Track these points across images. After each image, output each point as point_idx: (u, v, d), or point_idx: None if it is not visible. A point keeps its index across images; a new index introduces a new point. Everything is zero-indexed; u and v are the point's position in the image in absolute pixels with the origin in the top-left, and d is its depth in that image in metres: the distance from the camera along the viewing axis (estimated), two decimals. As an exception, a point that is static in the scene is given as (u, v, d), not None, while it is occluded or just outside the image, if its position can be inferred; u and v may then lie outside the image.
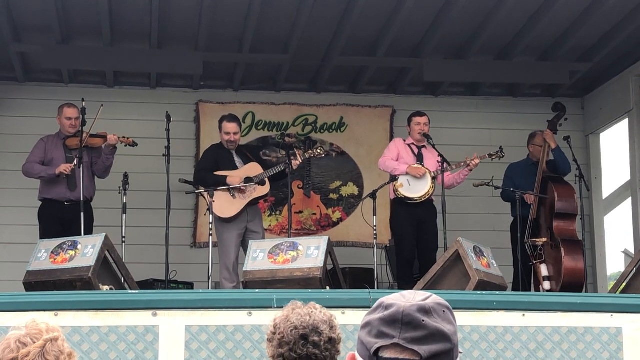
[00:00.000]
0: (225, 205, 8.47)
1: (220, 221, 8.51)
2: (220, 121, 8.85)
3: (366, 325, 1.89)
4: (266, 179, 8.56)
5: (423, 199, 8.51)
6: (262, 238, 8.41)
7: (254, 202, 8.65)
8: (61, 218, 8.31)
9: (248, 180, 8.54)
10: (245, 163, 8.73)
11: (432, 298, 1.90)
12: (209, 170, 8.65)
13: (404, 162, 8.67)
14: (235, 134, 8.71)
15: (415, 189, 8.53)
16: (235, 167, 8.68)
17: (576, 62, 10.18)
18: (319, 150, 8.97)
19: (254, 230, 8.56)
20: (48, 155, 8.50)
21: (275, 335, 2.65)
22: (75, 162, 8.25)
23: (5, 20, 8.77)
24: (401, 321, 1.83)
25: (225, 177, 8.54)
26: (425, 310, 1.85)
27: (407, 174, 8.55)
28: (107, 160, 8.55)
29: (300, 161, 8.68)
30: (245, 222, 8.56)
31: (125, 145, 8.62)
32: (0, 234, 9.89)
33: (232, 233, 8.50)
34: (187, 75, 10.29)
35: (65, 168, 8.27)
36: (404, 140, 8.92)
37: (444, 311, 1.88)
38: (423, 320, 1.83)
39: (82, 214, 8.05)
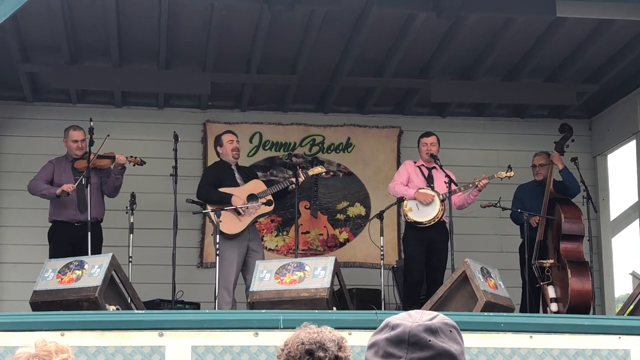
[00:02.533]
0: (231, 222, 8.49)
1: (223, 239, 8.48)
2: (219, 137, 8.98)
3: (372, 345, 1.89)
4: (267, 196, 8.59)
5: (432, 222, 8.49)
6: (262, 257, 8.43)
7: (255, 220, 8.68)
8: (71, 239, 8.35)
9: (252, 197, 8.57)
10: (244, 179, 8.78)
11: (438, 318, 1.90)
12: (212, 185, 8.69)
13: (414, 186, 8.65)
14: (237, 141, 8.91)
15: (424, 213, 8.51)
16: (236, 183, 8.72)
17: (584, 83, 10.18)
18: (319, 168, 8.99)
19: (254, 249, 8.59)
20: (57, 178, 8.52)
21: (284, 351, 2.66)
22: (77, 183, 8.27)
23: (14, 40, 8.81)
24: (407, 341, 1.83)
25: (231, 195, 8.58)
26: (432, 330, 1.85)
27: (415, 198, 8.53)
28: (116, 181, 8.59)
29: (303, 178, 8.69)
30: (247, 241, 8.58)
31: (134, 165, 8.66)
32: (8, 253, 9.89)
33: (233, 252, 8.50)
34: (194, 95, 10.31)
35: (66, 187, 8.28)
36: (414, 162, 8.91)
37: (450, 331, 1.88)
38: (430, 340, 1.83)
39: (89, 233, 8.07)
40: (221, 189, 8.62)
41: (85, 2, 8.41)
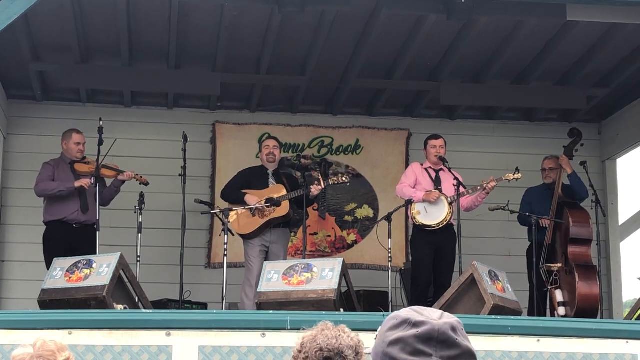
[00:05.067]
0: (243, 222, 8.53)
1: (243, 238, 8.65)
2: (261, 141, 9.17)
3: (397, 341, 1.93)
4: (283, 201, 8.58)
5: (441, 225, 8.47)
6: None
7: (278, 224, 8.65)
8: (70, 240, 8.28)
9: (269, 200, 8.58)
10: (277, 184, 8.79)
11: (449, 315, 1.97)
12: (236, 187, 8.73)
13: (422, 188, 8.63)
14: (274, 147, 8.91)
15: (433, 216, 8.48)
16: (267, 187, 8.75)
17: (593, 87, 10.16)
18: (344, 179, 8.89)
19: (275, 252, 8.58)
20: (56, 179, 8.52)
21: (301, 354, 2.64)
22: (92, 180, 8.28)
23: (24, 39, 8.83)
24: (436, 339, 1.90)
25: (244, 194, 8.59)
26: (454, 329, 1.93)
27: (423, 200, 8.51)
28: (114, 192, 8.62)
29: (323, 187, 8.69)
30: (268, 243, 8.60)
31: (140, 184, 8.63)
32: (16, 251, 9.91)
33: (254, 250, 8.59)
34: (204, 96, 10.32)
35: (85, 182, 8.30)
36: (422, 164, 8.89)
37: (462, 329, 1.96)
38: (456, 339, 1.92)
39: (97, 234, 8.06)
40: (245, 191, 8.67)
41: (96, 1, 8.43)
